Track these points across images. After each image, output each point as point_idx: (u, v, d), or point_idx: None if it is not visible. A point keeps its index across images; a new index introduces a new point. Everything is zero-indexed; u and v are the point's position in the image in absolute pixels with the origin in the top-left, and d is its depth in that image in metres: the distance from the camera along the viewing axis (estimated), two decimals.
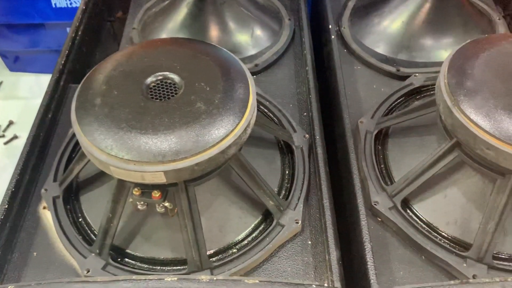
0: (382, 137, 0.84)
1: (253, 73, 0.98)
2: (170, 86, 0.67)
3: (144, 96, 0.65)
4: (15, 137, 1.48)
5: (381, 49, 1.00)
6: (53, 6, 1.48)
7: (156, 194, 0.64)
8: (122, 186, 0.66)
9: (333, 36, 0.99)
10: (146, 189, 0.64)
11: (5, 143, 1.46)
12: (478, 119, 0.63)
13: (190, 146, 0.60)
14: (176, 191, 0.65)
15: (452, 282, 0.61)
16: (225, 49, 0.73)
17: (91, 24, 1.09)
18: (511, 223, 0.69)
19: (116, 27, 1.25)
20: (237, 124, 0.63)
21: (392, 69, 0.96)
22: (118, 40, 1.22)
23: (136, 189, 0.64)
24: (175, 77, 0.67)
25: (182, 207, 0.65)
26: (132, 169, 0.59)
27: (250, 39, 1.02)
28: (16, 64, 1.70)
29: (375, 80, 0.96)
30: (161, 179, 0.60)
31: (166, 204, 0.65)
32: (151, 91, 0.66)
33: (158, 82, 0.67)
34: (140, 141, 0.60)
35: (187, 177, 0.61)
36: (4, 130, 1.51)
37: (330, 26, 1.01)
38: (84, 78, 0.69)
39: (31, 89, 1.66)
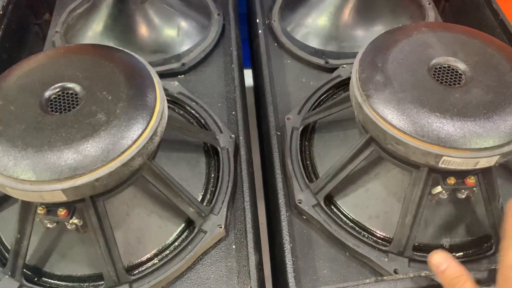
0: (309, 132, 0.83)
1: (180, 73, 0.95)
2: (71, 98, 0.64)
3: (43, 110, 0.62)
4: None
5: (311, 41, 0.99)
6: None
7: (61, 212, 0.61)
8: (27, 205, 0.63)
9: (260, 31, 0.97)
10: (51, 207, 0.62)
11: None
12: (386, 114, 0.62)
13: (88, 161, 0.57)
14: (84, 207, 0.62)
15: (367, 280, 0.61)
16: (133, 53, 0.70)
17: (11, 28, 1.04)
18: (431, 214, 0.70)
19: (45, 30, 1.20)
20: (140, 135, 0.60)
21: (320, 61, 0.94)
22: None
23: (40, 207, 0.61)
24: (76, 87, 0.64)
25: (92, 223, 0.63)
26: (28, 189, 0.56)
27: (177, 37, 0.99)
28: None
29: (305, 73, 0.95)
30: (61, 198, 0.57)
31: (75, 221, 0.63)
32: (51, 104, 0.63)
33: (59, 94, 0.64)
34: (36, 159, 0.57)
35: (89, 193, 0.59)
36: None
37: (258, 20, 0.99)
38: None
39: None
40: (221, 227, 0.71)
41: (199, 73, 0.96)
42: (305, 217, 0.74)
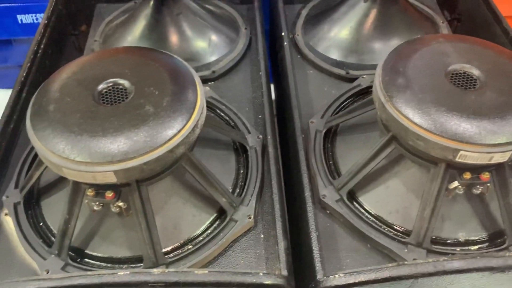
0: (331, 135, 0.89)
1: (210, 80, 1.02)
2: (121, 92, 0.70)
3: (95, 101, 0.69)
4: None
5: (332, 54, 1.06)
6: (20, 22, 1.50)
7: (109, 194, 0.67)
8: (77, 188, 0.69)
9: (285, 43, 1.04)
10: (100, 189, 0.68)
11: None
12: (407, 112, 0.68)
13: (138, 146, 0.63)
14: (129, 191, 0.68)
15: (389, 264, 0.65)
16: (175, 56, 0.78)
17: (53, 38, 1.12)
18: (447, 209, 0.74)
19: (81, 40, 1.28)
20: (185, 125, 0.67)
21: (341, 72, 1.01)
22: (83, 53, 1.26)
23: (90, 190, 0.67)
24: (126, 83, 0.71)
25: (135, 206, 0.68)
26: (83, 169, 0.62)
27: (208, 47, 1.06)
28: None
29: (326, 83, 1.01)
30: (112, 179, 0.63)
31: (120, 204, 0.68)
32: (102, 97, 0.70)
33: (110, 88, 0.71)
34: (91, 143, 0.63)
35: (137, 176, 0.65)
36: None
37: (283, 33, 1.06)
38: (40, 87, 0.73)
39: (2, 104, 1.66)
40: (250, 217, 0.76)
41: (228, 80, 1.03)
42: (328, 211, 0.79)
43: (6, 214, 0.79)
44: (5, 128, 0.88)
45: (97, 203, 0.68)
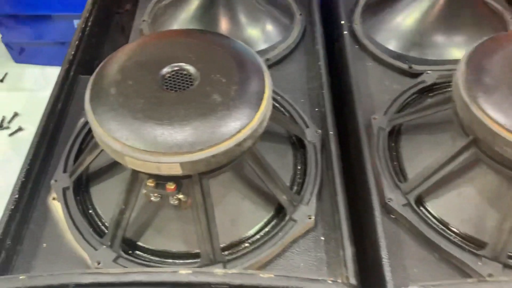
0: (395, 134, 0.84)
1: None
2: (186, 77, 0.66)
3: (159, 86, 0.64)
4: (19, 129, 1.47)
5: (392, 45, 1.00)
6: None
7: (170, 186, 0.63)
8: (135, 177, 0.65)
9: (345, 32, 0.98)
10: (160, 180, 0.64)
11: (10, 135, 1.45)
12: (496, 116, 0.62)
13: (206, 138, 0.59)
14: (190, 184, 0.64)
15: (469, 280, 0.60)
16: (240, 41, 0.73)
17: (100, 15, 1.08)
18: None
19: (124, 19, 1.24)
20: (254, 117, 0.62)
21: (404, 66, 0.95)
22: (126, 32, 1.21)
23: (150, 180, 0.63)
24: (191, 68, 0.66)
25: (196, 199, 0.65)
26: (148, 159, 0.58)
27: (261, 34, 1.01)
28: (22, 55, 1.69)
29: (387, 76, 0.95)
30: (177, 171, 0.59)
31: (180, 196, 0.64)
32: (166, 82, 0.66)
33: (174, 73, 0.66)
34: (156, 132, 0.59)
35: (203, 169, 0.61)
36: (9, 122, 1.50)
37: (342, 22, 1.00)
38: (98, 68, 0.69)
39: (36, 81, 1.65)
40: (310, 218, 0.71)
41: (282, 69, 0.98)
42: (393, 216, 0.74)
43: (54, 199, 0.76)
44: (53, 108, 0.85)
45: (156, 194, 0.65)
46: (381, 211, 0.73)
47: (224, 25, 1.00)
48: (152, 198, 0.65)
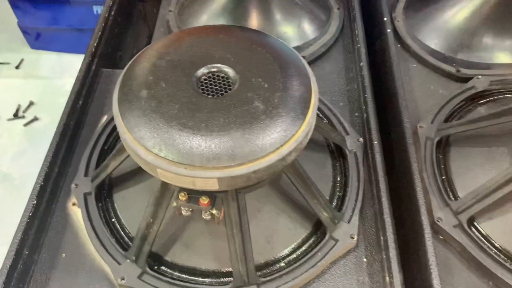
0: (443, 145, 0.77)
1: None
2: (224, 81, 0.59)
3: (195, 90, 0.58)
4: (35, 119, 1.42)
5: (438, 46, 0.92)
6: None
7: (204, 200, 0.57)
8: (166, 189, 0.59)
9: (388, 30, 0.91)
10: (192, 194, 0.58)
11: (25, 125, 1.40)
12: None
13: (247, 151, 0.52)
14: (226, 198, 0.58)
15: None
16: (283, 41, 0.66)
17: (123, 4, 1.01)
18: None
19: (148, 8, 1.17)
20: (299, 128, 0.55)
21: (451, 69, 0.87)
22: (148, 22, 1.15)
23: (182, 193, 0.57)
24: (229, 71, 0.60)
25: (231, 216, 0.59)
26: (182, 173, 0.52)
27: (297, 29, 0.94)
28: (38, 41, 1.63)
29: (432, 80, 0.88)
30: (214, 186, 0.53)
31: (214, 211, 0.58)
32: (202, 85, 0.59)
33: (210, 75, 0.60)
34: (193, 143, 0.53)
35: (241, 185, 0.54)
36: (25, 111, 1.44)
37: (385, 19, 0.93)
38: (127, 66, 0.62)
39: (52, 68, 1.59)
40: (353, 237, 0.65)
41: (318, 68, 0.91)
42: (441, 237, 0.67)
43: (74, 204, 0.71)
44: (74, 105, 0.79)
45: (188, 208, 0.59)
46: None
47: (256, 19, 0.93)
48: (183, 212, 0.59)
